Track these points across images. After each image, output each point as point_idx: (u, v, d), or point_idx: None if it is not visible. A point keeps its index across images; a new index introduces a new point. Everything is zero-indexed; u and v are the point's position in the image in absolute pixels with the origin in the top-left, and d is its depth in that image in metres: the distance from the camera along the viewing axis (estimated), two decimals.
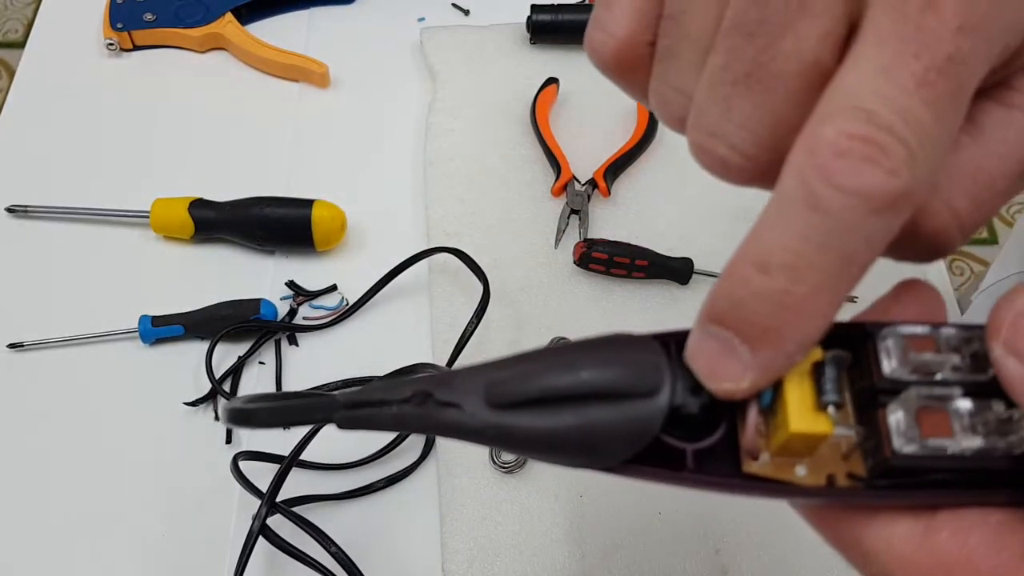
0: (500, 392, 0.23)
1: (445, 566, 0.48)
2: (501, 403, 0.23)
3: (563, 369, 0.23)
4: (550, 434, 0.22)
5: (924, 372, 0.22)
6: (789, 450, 0.22)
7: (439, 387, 0.23)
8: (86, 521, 0.50)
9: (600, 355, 0.23)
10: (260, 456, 0.50)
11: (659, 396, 0.22)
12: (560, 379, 0.22)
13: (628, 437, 0.22)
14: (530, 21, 0.67)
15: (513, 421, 0.23)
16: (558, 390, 0.22)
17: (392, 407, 0.23)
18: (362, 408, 0.23)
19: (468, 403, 0.23)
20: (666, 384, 0.22)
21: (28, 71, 0.69)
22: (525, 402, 0.23)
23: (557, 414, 0.22)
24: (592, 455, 0.23)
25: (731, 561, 0.48)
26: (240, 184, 0.60)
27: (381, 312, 0.57)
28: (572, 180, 0.61)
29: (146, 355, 0.55)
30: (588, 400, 0.22)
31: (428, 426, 0.23)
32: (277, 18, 0.71)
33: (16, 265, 0.59)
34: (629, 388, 0.22)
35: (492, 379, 0.23)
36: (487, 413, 0.23)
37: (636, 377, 0.22)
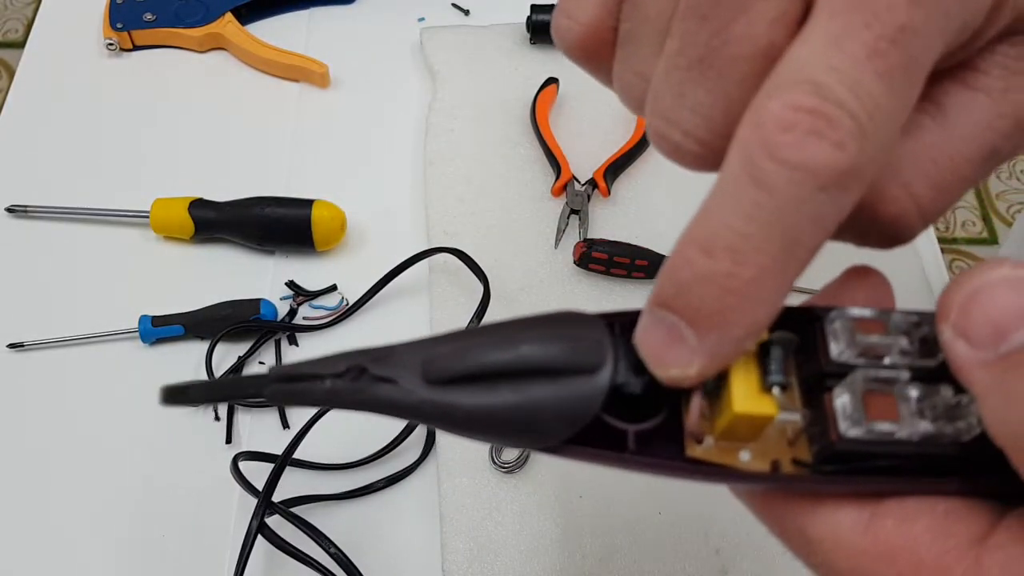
0: (437, 367, 0.22)
1: (445, 566, 0.48)
2: (438, 379, 0.22)
3: (502, 344, 0.22)
4: (488, 412, 0.22)
5: (872, 356, 0.21)
6: (733, 434, 0.22)
7: (375, 362, 0.22)
8: (86, 521, 0.50)
9: (541, 330, 0.22)
10: (260, 456, 0.50)
11: (600, 374, 0.22)
12: (498, 354, 0.22)
13: (568, 416, 0.22)
14: (530, 21, 0.67)
15: (450, 398, 0.22)
16: (496, 365, 0.22)
17: (325, 381, 0.22)
18: (294, 382, 0.22)
19: (404, 378, 0.22)
20: (608, 362, 0.22)
21: (28, 71, 0.69)
22: (463, 378, 0.22)
23: (495, 391, 0.22)
24: (531, 434, 0.22)
25: (731, 561, 0.48)
26: (240, 184, 0.60)
27: (381, 312, 0.57)
28: (572, 180, 0.61)
29: (146, 355, 0.55)
30: (527, 377, 0.21)
31: (362, 401, 0.22)
32: (277, 18, 0.72)
33: (16, 265, 0.59)
34: (569, 364, 0.22)
35: (430, 354, 0.22)
36: (423, 389, 0.22)
37: (577, 353, 0.22)
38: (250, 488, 0.47)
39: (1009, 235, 0.68)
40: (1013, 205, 1.60)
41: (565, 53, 0.26)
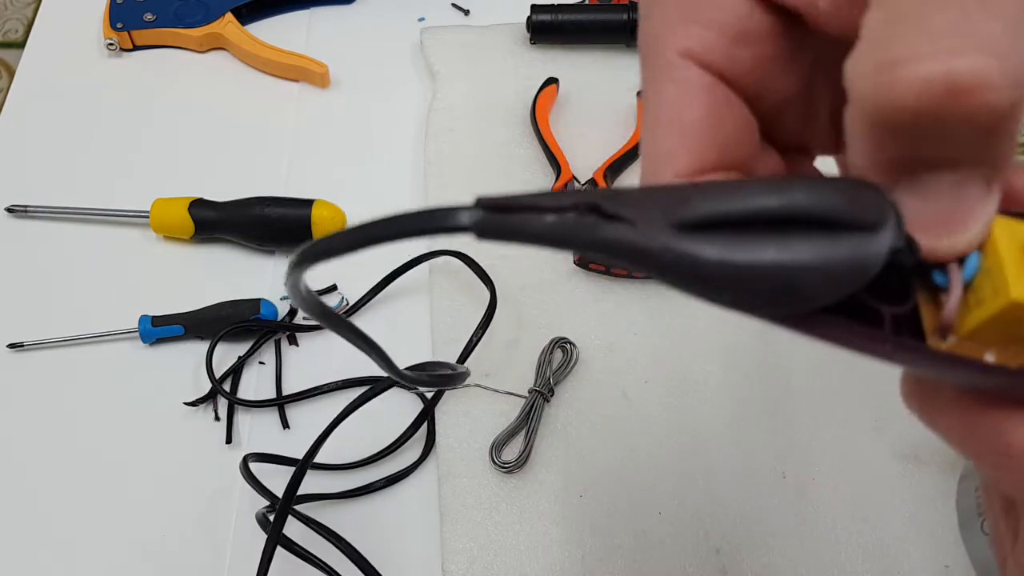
0: (688, 209, 0.19)
1: (445, 566, 0.48)
2: (688, 223, 0.19)
3: (773, 188, 0.19)
4: (745, 264, 0.18)
5: None
6: (985, 332, 0.19)
7: (607, 199, 0.19)
8: (86, 521, 0.50)
9: (811, 183, 0.19)
10: (271, 458, 0.50)
11: (882, 234, 0.19)
12: (768, 197, 0.18)
13: (839, 276, 0.19)
14: (530, 21, 0.67)
15: (700, 247, 0.18)
16: (765, 209, 0.18)
17: (549, 215, 0.19)
18: (509, 213, 0.19)
19: (645, 220, 0.19)
20: (890, 220, 0.19)
21: (28, 71, 0.69)
22: (719, 223, 0.18)
23: (755, 241, 0.18)
24: (789, 295, 0.19)
25: (731, 561, 0.48)
26: (240, 184, 0.60)
27: (381, 312, 0.57)
28: (572, 180, 0.61)
29: (146, 355, 0.55)
30: (796, 227, 0.18)
31: (592, 241, 0.19)
32: (277, 18, 0.72)
33: (16, 265, 0.59)
34: (848, 217, 0.18)
35: (677, 195, 0.19)
36: (666, 234, 0.18)
37: (857, 206, 0.19)
38: (263, 491, 0.47)
39: None
40: None
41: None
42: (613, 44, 0.68)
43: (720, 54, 0.22)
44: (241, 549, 0.49)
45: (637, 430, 0.52)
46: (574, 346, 0.54)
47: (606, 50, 0.69)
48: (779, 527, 0.49)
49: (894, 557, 0.48)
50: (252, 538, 0.48)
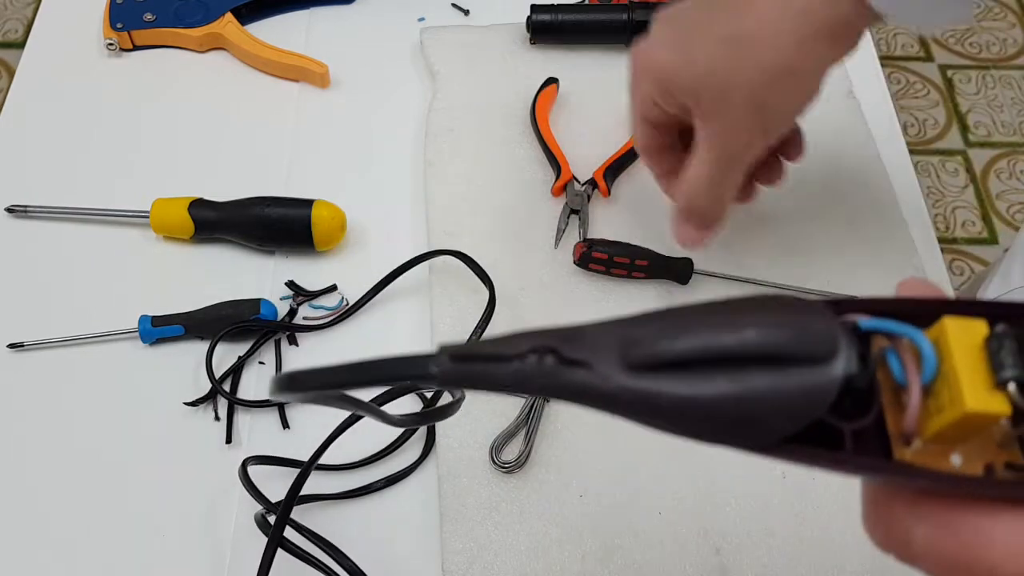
0: (641, 351, 0.19)
1: (445, 566, 0.48)
2: (641, 364, 0.19)
3: (722, 326, 0.19)
4: (701, 403, 0.19)
5: None
6: (948, 435, 0.19)
7: (565, 343, 0.19)
8: (86, 521, 0.50)
9: (764, 314, 0.19)
10: (271, 460, 0.50)
11: (833, 364, 0.19)
12: (719, 337, 0.19)
13: (795, 411, 0.19)
14: (530, 21, 0.67)
15: (655, 386, 0.19)
16: (716, 350, 0.19)
17: (510, 363, 0.19)
18: (471, 363, 0.20)
19: (600, 362, 0.19)
20: (841, 350, 0.19)
21: (28, 71, 0.69)
22: (671, 363, 0.19)
23: (710, 380, 0.19)
24: (748, 431, 0.19)
25: (731, 561, 0.48)
26: (240, 184, 0.60)
27: (381, 312, 0.57)
28: (572, 180, 0.61)
29: (146, 355, 0.55)
30: (748, 364, 0.19)
31: (552, 387, 0.19)
32: (277, 18, 0.71)
33: (16, 265, 0.59)
34: (799, 352, 0.19)
35: (629, 336, 0.19)
36: (623, 375, 0.19)
37: (808, 339, 0.19)
38: (260, 497, 0.47)
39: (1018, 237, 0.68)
40: (1013, 205, 1.60)
41: None
42: (613, 44, 0.68)
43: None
44: (241, 549, 0.49)
45: (637, 430, 0.52)
46: None
47: (606, 50, 0.69)
48: (779, 527, 0.49)
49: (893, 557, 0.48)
50: (252, 538, 0.48)
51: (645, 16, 0.66)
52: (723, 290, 0.58)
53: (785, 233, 0.60)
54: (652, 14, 0.66)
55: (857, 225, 0.60)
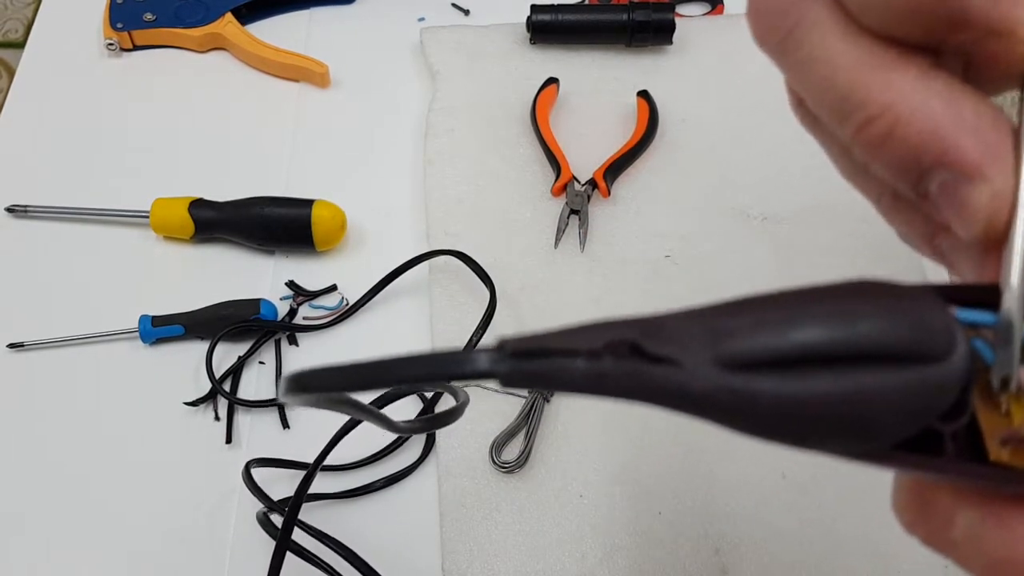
0: (738, 345, 0.17)
1: (445, 566, 0.48)
2: (738, 360, 0.17)
3: (833, 318, 0.17)
4: (807, 406, 0.17)
5: None
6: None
7: (647, 336, 0.17)
8: (86, 521, 0.50)
9: (873, 302, 0.17)
10: (275, 463, 0.50)
11: (950, 361, 0.17)
12: (831, 331, 0.17)
13: (911, 413, 0.17)
14: (530, 21, 0.67)
15: (755, 385, 0.17)
16: (828, 346, 0.17)
17: (585, 360, 0.17)
18: (538, 359, 0.17)
19: (690, 359, 0.17)
20: (960, 345, 0.17)
21: (28, 71, 0.69)
22: (774, 361, 0.17)
23: (817, 379, 0.17)
24: (857, 436, 0.17)
25: (731, 561, 0.48)
26: (240, 184, 0.60)
27: (381, 312, 0.57)
28: (572, 180, 0.61)
29: (146, 355, 0.55)
30: (860, 363, 0.17)
31: (635, 389, 0.17)
32: (277, 18, 0.72)
33: (16, 265, 0.59)
34: (918, 349, 0.17)
35: (722, 327, 0.17)
36: (716, 374, 0.17)
37: (929, 335, 0.17)
38: (267, 499, 0.47)
39: None
40: None
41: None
42: (613, 44, 0.68)
43: None
44: (241, 549, 0.49)
45: (637, 430, 0.52)
46: None
47: (606, 50, 0.69)
48: (779, 527, 0.49)
49: (894, 557, 0.48)
50: (252, 538, 0.48)
51: (645, 16, 0.66)
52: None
53: (785, 233, 0.60)
54: (652, 14, 0.66)
55: (857, 225, 0.60)
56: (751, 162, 0.63)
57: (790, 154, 0.63)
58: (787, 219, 0.60)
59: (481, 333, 0.53)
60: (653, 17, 0.66)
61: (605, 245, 0.59)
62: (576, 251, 0.59)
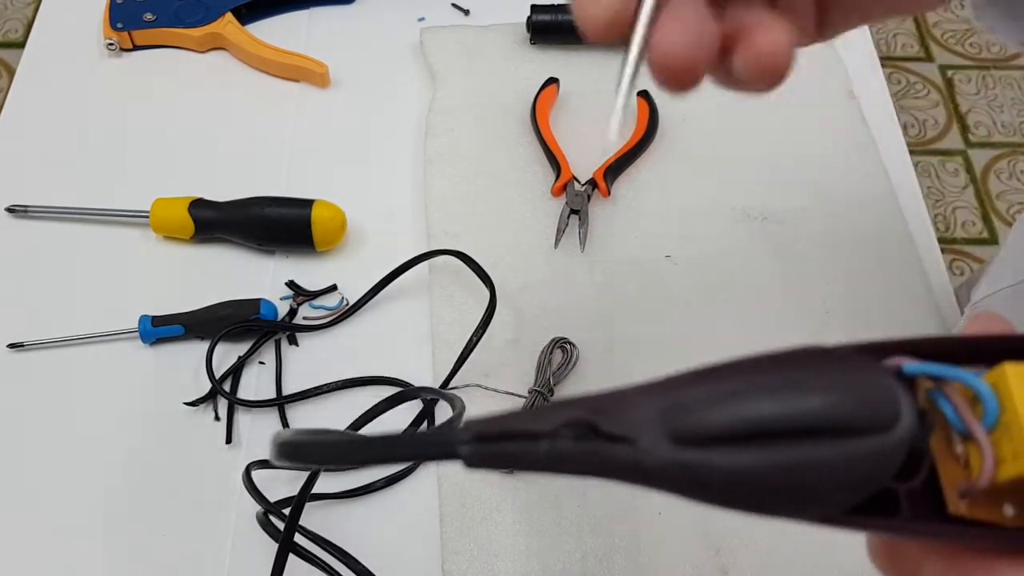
0: (689, 423, 0.18)
1: (445, 566, 0.48)
2: (689, 437, 0.17)
3: (776, 394, 0.18)
4: (756, 479, 0.17)
5: None
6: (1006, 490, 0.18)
7: (603, 416, 0.18)
8: (86, 521, 0.50)
9: (817, 376, 0.18)
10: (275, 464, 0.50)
11: (896, 429, 0.18)
12: (779, 407, 0.17)
13: (858, 482, 0.18)
14: (530, 21, 0.67)
15: (705, 459, 0.17)
16: (777, 422, 0.17)
17: (544, 442, 0.18)
18: (499, 443, 0.18)
19: (644, 437, 0.18)
20: (905, 413, 0.18)
21: (28, 71, 0.69)
22: (724, 437, 0.17)
23: (765, 451, 0.17)
24: (808, 505, 0.18)
25: (731, 561, 0.48)
26: (240, 184, 0.60)
27: (381, 312, 0.57)
28: (572, 180, 0.61)
29: (146, 355, 0.55)
30: (808, 436, 0.17)
31: (593, 467, 0.18)
32: (277, 18, 0.71)
33: (16, 265, 0.59)
34: (863, 421, 0.17)
35: (673, 404, 0.18)
36: (669, 449, 0.17)
37: (871, 407, 0.18)
38: (266, 503, 0.47)
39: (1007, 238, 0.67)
40: (1013, 205, 1.60)
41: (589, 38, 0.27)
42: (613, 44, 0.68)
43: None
44: (241, 549, 0.49)
45: None
46: (574, 346, 0.54)
47: (606, 50, 0.69)
48: (779, 527, 0.49)
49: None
50: (252, 538, 0.48)
51: None
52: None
53: (785, 233, 0.60)
54: None
55: (857, 225, 0.60)
56: (751, 162, 0.63)
57: (790, 154, 0.63)
58: (787, 219, 0.60)
59: (481, 333, 0.53)
60: None
61: (605, 245, 0.59)
62: (576, 251, 0.59)
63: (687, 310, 0.57)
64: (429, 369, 0.54)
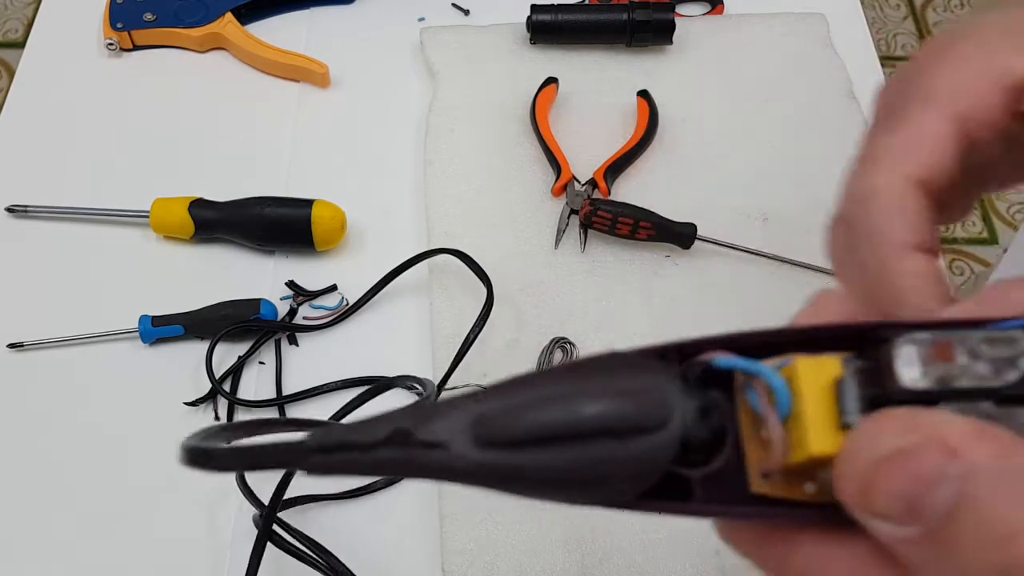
0: (491, 430, 0.21)
1: (445, 566, 0.48)
2: (492, 441, 0.20)
3: (561, 404, 0.21)
4: (547, 476, 0.21)
5: (944, 381, 0.20)
6: (802, 470, 0.21)
7: (420, 425, 0.21)
8: (86, 521, 0.50)
9: (600, 385, 0.21)
10: None
11: (667, 429, 0.20)
12: (558, 416, 0.20)
13: (634, 476, 0.21)
14: (530, 21, 0.67)
15: (508, 460, 0.20)
16: (554, 428, 0.20)
17: (370, 451, 0.21)
18: (336, 453, 0.21)
19: (455, 442, 0.20)
20: (675, 415, 0.21)
21: (28, 71, 0.69)
22: (520, 441, 0.20)
23: (555, 451, 0.20)
24: (597, 495, 0.21)
25: (731, 561, 0.48)
26: (240, 184, 0.60)
27: (381, 312, 0.57)
28: (572, 180, 0.61)
29: (146, 355, 0.55)
30: (592, 438, 0.20)
31: (412, 470, 0.21)
32: (277, 18, 0.71)
33: (16, 265, 0.59)
34: (635, 424, 0.20)
35: (480, 414, 0.21)
36: (477, 452, 0.20)
37: (642, 411, 0.20)
38: (256, 501, 0.47)
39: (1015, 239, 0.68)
40: (1013, 205, 1.60)
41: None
42: (613, 44, 0.68)
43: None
44: (241, 550, 0.49)
45: None
46: (574, 346, 0.54)
47: (606, 50, 0.69)
48: None
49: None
50: (252, 538, 0.47)
51: (645, 16, 0.66)
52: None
53: (785, 233, 0.60)
54: (652, 14, 0.66)
55: None
56: (751, 162, 0.63)
57: (790, 154, 0.63)
58: (787, 219, 0.60)
59: (477, 331, 0.53)
60: (653, 17, 0.66)
61: (605, 245, 0.59)
62: (576, 251, 0.59)
63: (687, 310, 0.57)
64: (429, 369, 0.54)
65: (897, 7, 1.83)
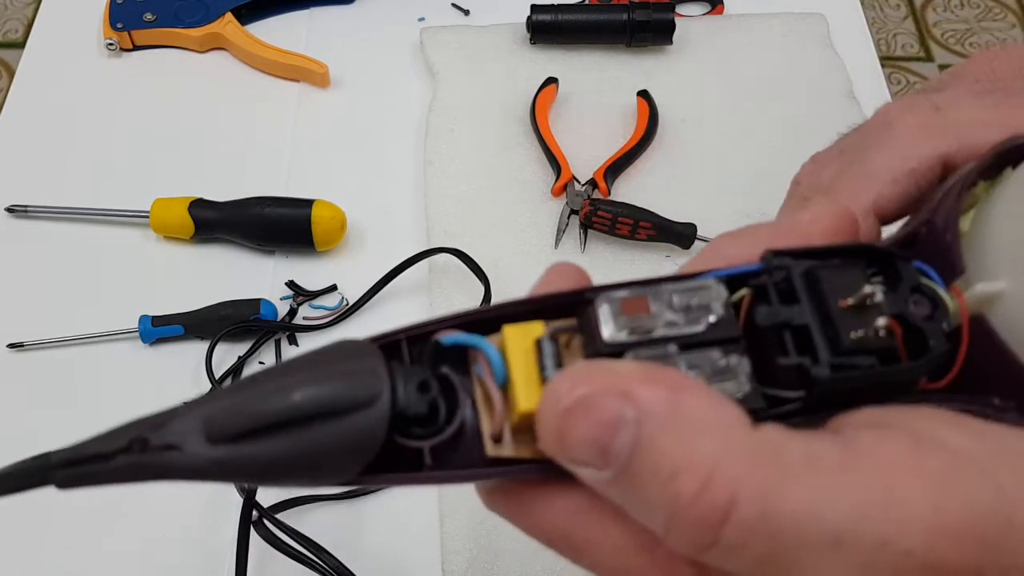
0: (218, 426, 0.22)
1: (445, 566, 0.48)
2: (221, 438, 0.22)
3: (274, 395, 0.22)
4: (276, 461, 0.22)
5: (641, 332, 0.22)
6: (526, 428, 0.22)
7: (155, 431, 0.22)
8: (85, 522, 0.50)
9: (313, 372, 0.22)
10: None
11: (378, 404, 0.22)
12: (271, 405, 0.22)
13: (354, 451, 0.22)
14: (530, 21, 0.67)
15: (238, 454, 0.22)
16: (272, 417, 0.22)
17: (111, 460, 0.22)
18: (79, 466, 0.22)
19: (189, 443, 0.22)
20: (384, 391, 0.22)
21: (28, 71, 0.69)
22: (244, 433, 0.22)
23: (277, 440, 0.22)
24: (324, 473, 0.22)
25: None
26: (240, 184, 0.60)
27: (381, 312, 0.57)
28: (572, 180, 0.61)
29: (146, 355, 0.55)
30: (308, 421, 0.22)
31: (153, 473, 0.22)
32: (277, 18, 0.72)
33: (16, 265, 0.59)
34: (344, 402, 0.22)
35: (209, 414, 0.22)
36: (209, 450, 0.22)
37: (350, 389, 0.22)
38: (250, 500, 0.47)
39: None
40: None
41: None
42: (613, 44, 0.68)
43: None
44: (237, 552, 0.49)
45: None
46: None
47: (606, 50, 0.69)
48: None
49: None
50: (251, 538, 0.47)
51: (645, 16, 0.66)
52: None
53: None
54: (652, 14, 0.66)
55: None
56: (751, 162, 0.63)
57: (790, 154, 0.63)
58: None
59: None
60: (653, 17, 0.66)
61: (605, 245, 0.59)
62: (576, 251, 0.59)
63: None
64: None
65: (897, 7, 1.83)
